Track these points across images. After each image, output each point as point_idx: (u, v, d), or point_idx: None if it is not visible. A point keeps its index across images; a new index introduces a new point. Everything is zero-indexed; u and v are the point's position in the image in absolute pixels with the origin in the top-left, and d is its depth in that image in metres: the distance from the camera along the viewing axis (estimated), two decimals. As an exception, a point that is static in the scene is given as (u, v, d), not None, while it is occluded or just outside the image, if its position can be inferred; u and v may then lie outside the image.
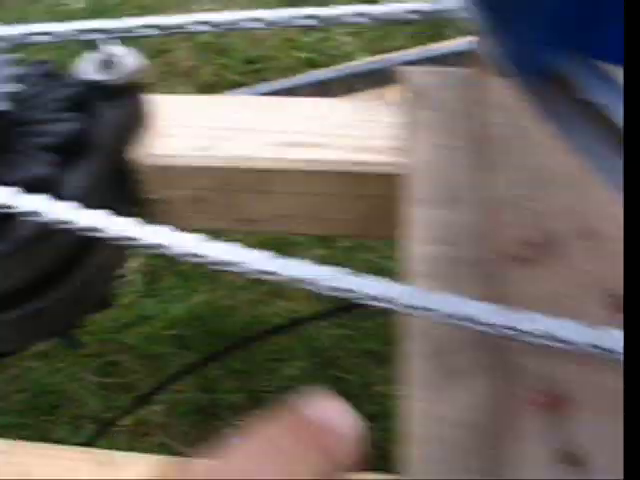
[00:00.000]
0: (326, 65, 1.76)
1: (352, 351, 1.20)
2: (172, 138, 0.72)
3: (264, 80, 1.74)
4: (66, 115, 0.64)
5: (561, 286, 0.49)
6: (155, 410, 1.18)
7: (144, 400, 1.10)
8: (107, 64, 0.68)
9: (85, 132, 0.63)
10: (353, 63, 1.70)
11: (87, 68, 0.68)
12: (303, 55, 1.82)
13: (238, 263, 0.50)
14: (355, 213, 0.69)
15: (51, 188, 0.58)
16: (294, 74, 1.75)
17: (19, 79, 0.60)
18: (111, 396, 1.21)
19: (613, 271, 0.49)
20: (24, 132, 0.61)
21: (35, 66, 0.68)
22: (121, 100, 0.69)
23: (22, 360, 1.26)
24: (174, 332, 1.25)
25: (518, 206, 0.53)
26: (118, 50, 0.69)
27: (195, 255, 0.50)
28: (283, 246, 1.25)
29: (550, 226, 0.52)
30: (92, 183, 0.63)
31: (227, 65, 1.80)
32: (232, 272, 0.51)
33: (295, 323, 1.13)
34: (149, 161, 0.71)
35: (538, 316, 0.42)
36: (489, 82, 0.62)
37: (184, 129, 0.73)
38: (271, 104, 0.78)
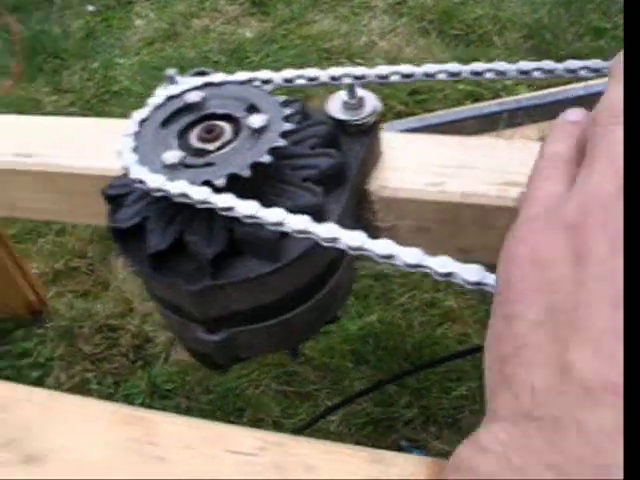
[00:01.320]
0: (488, 98, 1.83)
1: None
2: (403, 173, 0.80)
3: (428, 111, 1.82)
4: (323, 151, 0.72)
5: None
6: (331, 420, 1.26)
7: (327, 413, 1.19)
8: (351, 105, 0.77)
9: (340, 166, 0.72)
10: (516, 97, 1.76)
11: (335, 107, 0.77)
12: (466, 88, 1.88)
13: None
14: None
15: (316, 216, 0.67)
16: (456, 106, 1.82)
17: (288, 118, 0.69)
18: (290, 403, 1.30)
19: None
20: (291, 165, 0.70)
21: (292, 105, 0.76)
22: (363, 137, 0.77)
23: (208, 364, 1.36)
24: (350, 347, 1.33)
25: None
26: (360, 92, 0.77)
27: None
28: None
29: None
30: (343, 212, 0.71)
31: (393, 95, 1.88)
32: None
33: (474, 350, 1.19)
34: (383, 193, 0.79)
35: None
36: None
37: (414, 165, 0.81)
38: (487, 144, 0.85)
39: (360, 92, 0.78)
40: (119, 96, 2.11)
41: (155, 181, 0.63)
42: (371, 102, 0.78)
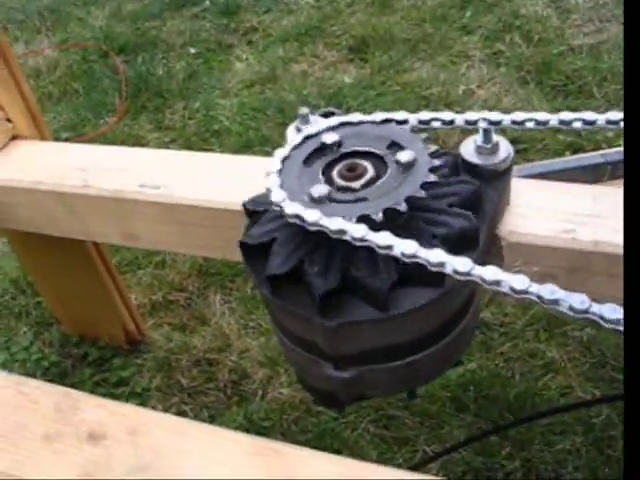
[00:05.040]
0: (589, 150, 1.81)
1: (626, 433, 1.22)
2: (533, 219, 0.80)
3: (528, 160, 1.81)
4: (460, 211, 0.70)
5: None
6: (430, 466, 1.24)
7: (429, 462, 1.17)
8: (486, 149, 0.77)
9: (473, 229, 0.70)
10: (619, 149, 1.73)
11: (469, 151, 0.77)
12: (566, 138, 1.87)
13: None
14: None
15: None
16: (555, 157, 1.81)
17: (435, 169, 0.69)
18: (388, 448, 1.29)
19: None
20: (424, 218, 0.69)
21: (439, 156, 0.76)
22: (496, 182, 0.77)
23: (306, 403, 1.36)
24: (450, 394, 1.32)
25: None
26: (494, 137, 0.78)
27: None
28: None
29: None
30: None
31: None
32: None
33: (579, 405, 1.17)
34: (512, 238, 0.79)
35: None
36: None
37: (543, 212, 0.81)
38: (616, 193, 0.84)
39: (494, 137, 0.78)
40: (219, 135, 2.15)
41: (312, 216, 0.64)
42: (505, 147, 0.79)
